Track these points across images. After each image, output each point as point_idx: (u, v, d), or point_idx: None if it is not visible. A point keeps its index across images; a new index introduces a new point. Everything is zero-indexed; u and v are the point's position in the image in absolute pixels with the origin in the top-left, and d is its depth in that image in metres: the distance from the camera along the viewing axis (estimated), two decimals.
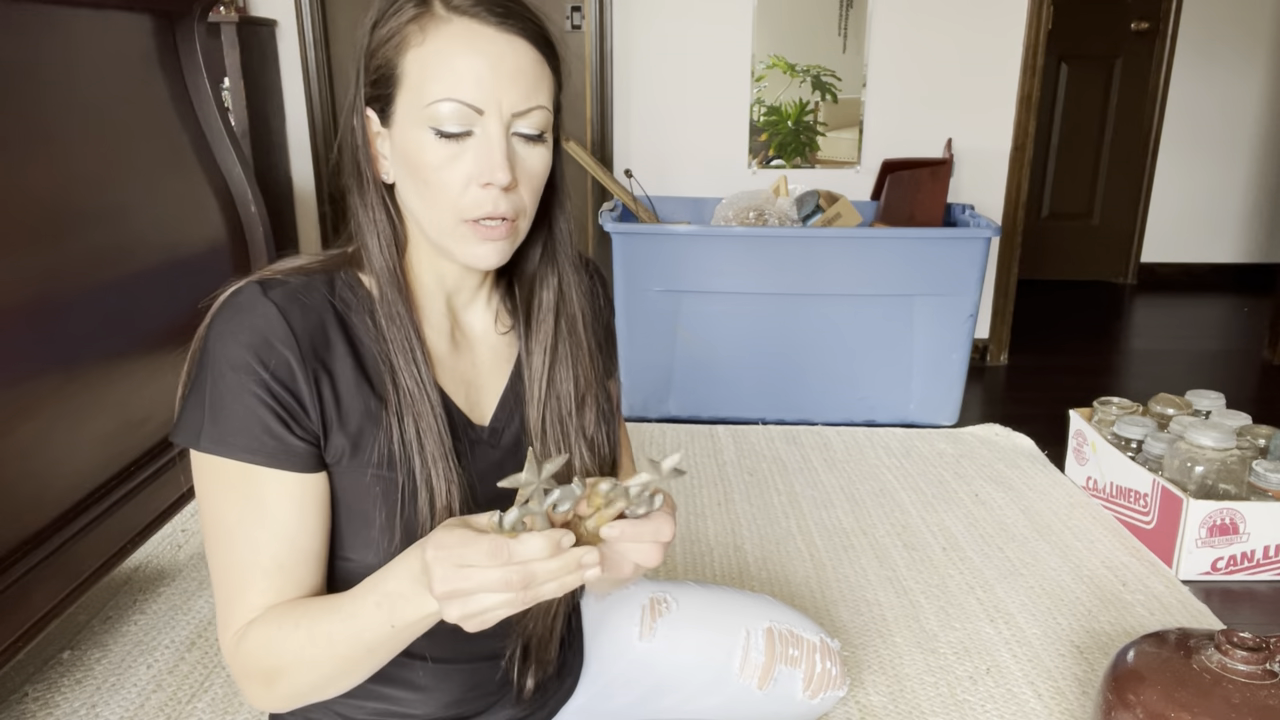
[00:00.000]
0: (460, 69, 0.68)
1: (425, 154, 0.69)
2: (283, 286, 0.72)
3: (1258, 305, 3.71)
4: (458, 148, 0.69)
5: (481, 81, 0.68)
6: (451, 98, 0.68)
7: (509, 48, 0.69)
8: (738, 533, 1.81)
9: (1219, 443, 1.68)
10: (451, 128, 0.68)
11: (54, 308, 1.14)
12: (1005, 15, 2.76)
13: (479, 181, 0.69)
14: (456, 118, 0.68)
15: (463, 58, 0.68)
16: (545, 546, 0.57)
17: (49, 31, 1.18)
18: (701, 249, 2.32)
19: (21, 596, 1.06)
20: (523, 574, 0.57)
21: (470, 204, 0.70)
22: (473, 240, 0.72)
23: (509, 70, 0.68)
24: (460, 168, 0.69)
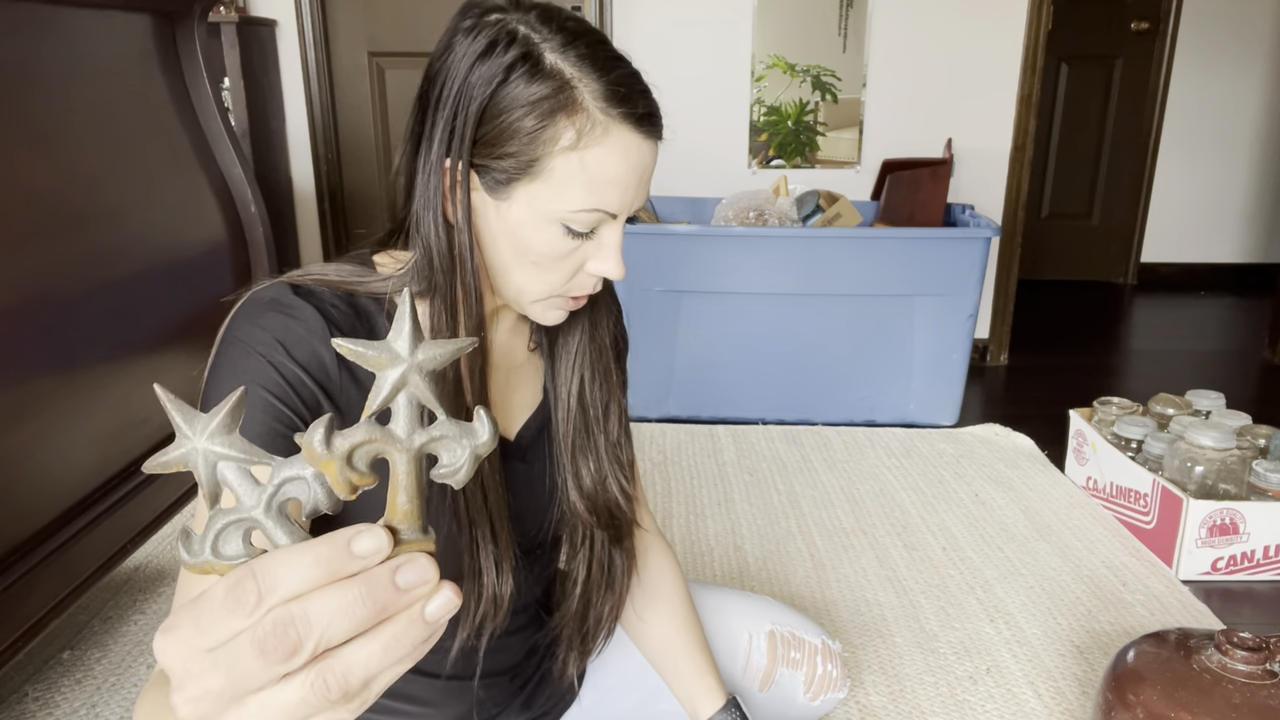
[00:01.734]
0: (614, 182, 0.67)
1: (545, 243, 0.68)
2: (313, 288, 0.68)
3: (1258, 305, 3.71)
4: (581, 242, 0.69)
5: (626, 191, 0.68)
6: (597, 208, 0.67)
7: (651, 156, 0.69)
8: (738, 533, 1.81)
9: (1219, 443, 1.68)
10: (584, 230, 0.68)
11: (54, 308, 1.14)
12: (1005, 15, 2.76)
13: (592, 271, 0.70)
14: (592, 222, 0.68)
15: (618, 173, 0.66)
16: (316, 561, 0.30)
17: (49, 31, 1.18)
18: (701, 249, 2.32)
19: (21, 596, 1.06)
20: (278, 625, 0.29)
21: (575, 286, 0.71)
22: (557, 308, 0.73)
23: (647, 177, 0.70)
24: (577, 257, 0.70)
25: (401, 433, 0.32)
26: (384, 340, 0.32)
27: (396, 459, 0.32)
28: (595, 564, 0.87)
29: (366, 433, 0.31)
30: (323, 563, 0.29)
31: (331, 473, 0.31)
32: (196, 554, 0.32)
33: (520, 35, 0.63)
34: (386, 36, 3.03)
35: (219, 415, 0.32)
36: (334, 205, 3.12)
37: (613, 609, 0.91)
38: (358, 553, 0.30)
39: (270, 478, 0.32)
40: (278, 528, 0.32)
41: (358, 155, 3.13)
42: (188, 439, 0.32)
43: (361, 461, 0.32)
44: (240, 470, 0.32)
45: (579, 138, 0.64)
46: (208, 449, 0.32)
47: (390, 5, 3.00)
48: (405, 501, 0.32)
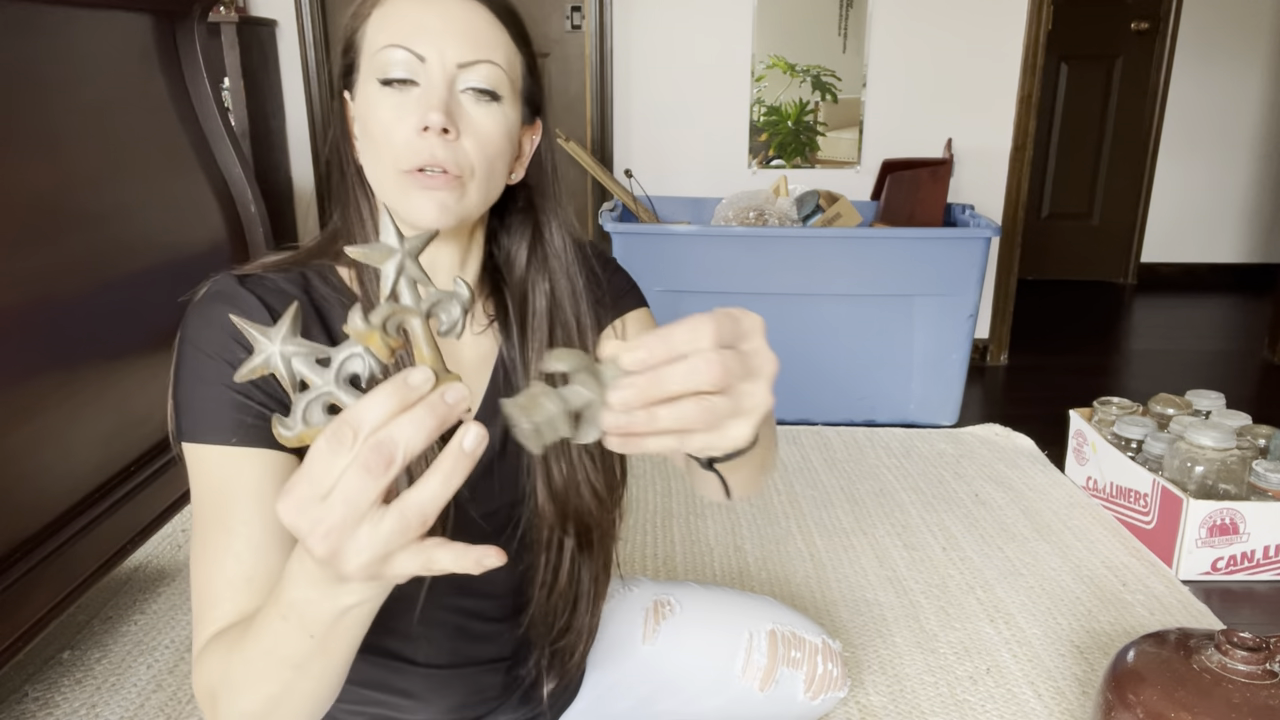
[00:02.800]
0: (408, 18, 0.68)
1: (375, 110, 0.69)
2: (259, 281, 0.72)
3: (1258, 305, 3.71)
4: (402, 97, 0.68)
5: (427, 30, 0.68)
6: (395, 43, 0.68)
7: (459, 6, 0.69)
8: (738, 533, 1.81)
9: (1219, 443, 1.68)
10: (395, 73, 0.68)
11: (54, 307, 1.14)
12: (1005, 15, 2.76)
13: (417, 127, 0.67)
14: (401, 65, 0.68)
15: (412, 11, 0.69)
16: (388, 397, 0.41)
17: (49, 31, 1.18)
18: (701, 249, 2.32)
19: (21, 596, 1.06)
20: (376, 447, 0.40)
21: (408, 153, 0.68)
22: (413, 191, 0.69)
23: (457, 23, 0.69)
24: (406, 120, 0.68)
25: (411, 302, 0.43)
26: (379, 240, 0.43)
27: (413, 323, 0.43)
28: (563, 575, 0.83)
29: (390, 308, 0.43)
30: (392, 396, 0.41)
31: (375, 342, 0.42)
32: (292, 426, 0.42)
33: None
34: None
35: (285, 324, 0.42)
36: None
37: (583, 630, 0.87)
38: (413, 384, 0.41)
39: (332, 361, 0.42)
40: (347, 395, 0.42)
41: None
42: (266, 345, 0.42)
43: (392, 329, 0.43)
44: (308, 360, 0.42)
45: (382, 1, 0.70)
46: (283, 350, 0.42)
47: None
48: (428, 351, 0.43)
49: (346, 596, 0.48)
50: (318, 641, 0.52)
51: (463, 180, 0.70)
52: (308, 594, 0.49)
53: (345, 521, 0.41)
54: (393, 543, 0.42)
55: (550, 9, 2.80)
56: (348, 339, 0.43)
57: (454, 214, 0.70)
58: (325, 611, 0.50)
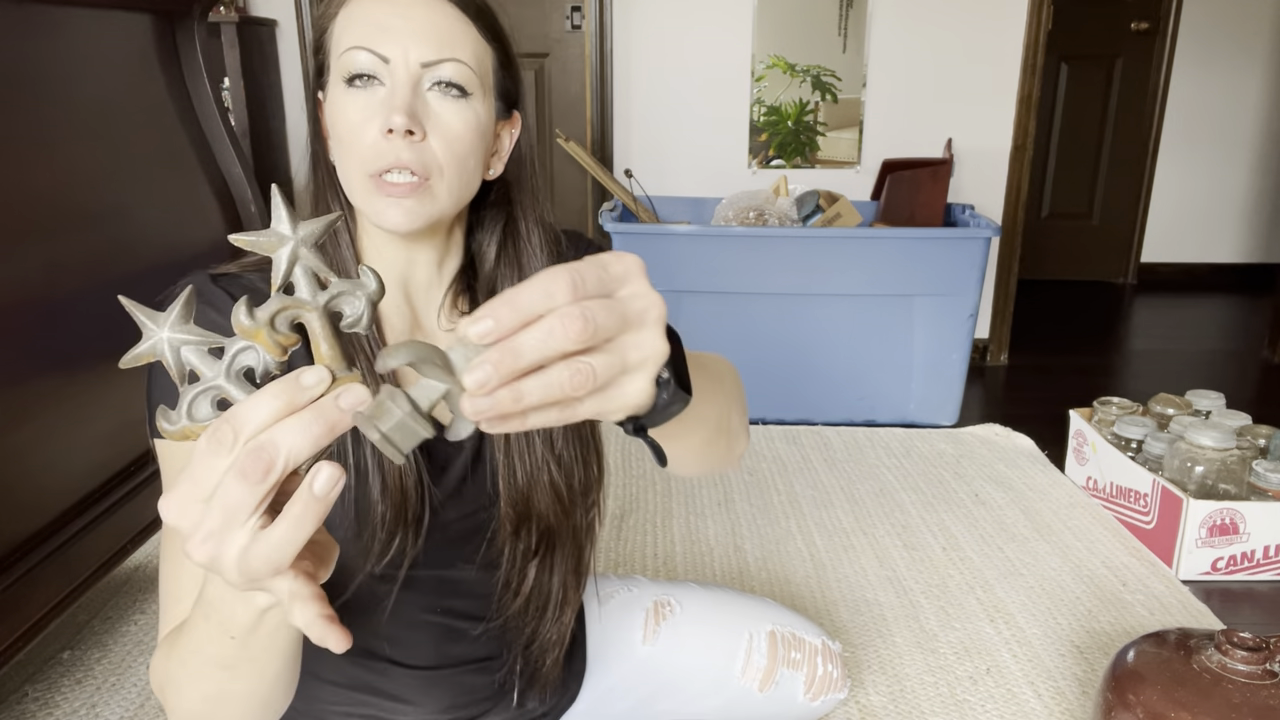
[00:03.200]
0: (371, 19, 0.68)
1: (342, 111, 0.69)
2: (234, 279, 0.72)
3: (1258, 305, 3.71)
4: (367, 98, 0.68)
5: (389, 30, 0.67)
6: (358, 44, 0.68)
7: (423, 5, 0.69)
8: (738, 533, 1.81)
9: (1219, 443, 1.68)
10: (359, 74, 0.68)
11: (54, 308, 1.14)
12: (1005, 15, 2.76)
13: (381, 130, 0.67)
14: (364, 65, 0.68)
15: (376, 11, 0.68)
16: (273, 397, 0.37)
17: (49, 31, 1.18)
18: (701, 249, 2.32)
19: (21, 596, 1.06)
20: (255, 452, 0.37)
21: (373, 155, 0.67)
22: (378, 197, 0.69)
23: (419, 22, 0.68)
24: (371, 122, 0.68)
25: (306, 295, 0.39)
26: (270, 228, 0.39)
27: (309, 318, 0.39)
28: (528, 581, 0.82)
29: (279, 302, 0.39)
30: (280, 396, 0.37)
31: (262, 339, 0.39)
32: (175, 421, 0.39)
33: None
34: None
35: (175, 309, 0.39)
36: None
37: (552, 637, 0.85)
38: (305, 384, 0.38)
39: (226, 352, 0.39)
40: (239, 389, 0.39)
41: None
42: (153, 331, 0.38)
43: (283, 325, 0.39)
44: (199, 351, 0.39)
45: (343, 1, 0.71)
46: (171, 337, 0.39)
47: None
48: (326, 349, 0.39)
49: (260, 598, 0.45)
50: (240, 643, 0.49)
51: (430, 182, 0.69)
52: (224, 593, 0.47)
53: (224, 527, 0.38)
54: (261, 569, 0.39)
55: (550, 9, 2.80)
56: None
57: (421, 217, 0.70)
58: (241, 613, 0.47)
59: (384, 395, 0.37)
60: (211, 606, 0.48)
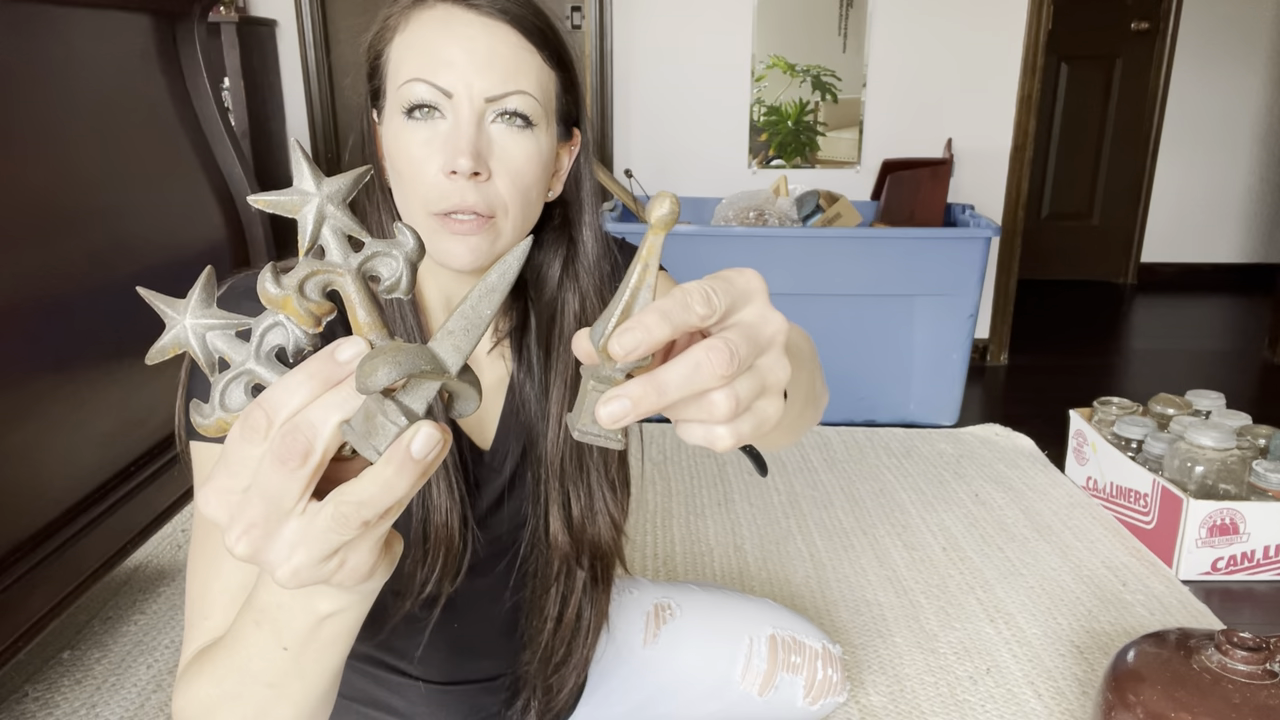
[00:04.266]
0: (434, 51, 0.65)
1: (402, 144, 0.66)
2: None
3: (1258, 305, 3.71)
4: (429, 133, 0.65)
5: (453, 65, 0.64)
6: (420, 78, 0.65)
7: (484, 31, 0.65)
8: (738, 533, 1.81)
9: (1219, 443, 1.68)
10: (416, 102, 0.65)
11: (54, 308, 1.14)
12: (1005, 15, 2.76)
13: (445, 169, 0.65)
14: (426, 98, 0.65)
15: (437, 40, 0.65)
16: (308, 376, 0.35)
17: (49, 31, 1.18)
18: (701, 249, 2.32)
19: (21, 596, 1.06)
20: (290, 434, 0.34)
21: (436, 195, 0.65)
22: (443, 236, 0.66)
23: (483, 54, 0.65)
24: (433, 157, 0.65)
25: (338, 258, 0.35)
26: (292, 187, 0.35)
27: (343, 283, 0.35)
28: (571, 608, 0.80)
29: (308, 266, 0.35)
30: (315, 375, 0.34)
31: (291, 308, 0.35)
32: (209, 414, 0.35)
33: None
34: None
35: (195, 293, 0.35)
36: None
37: (579, 664, 0.85)
38: (342, 359, 0.34)
39: (253, 332, 0.35)
40: (271, 371, 0.35)
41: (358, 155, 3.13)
42: (174, 319, 0.35)
43: (314, 292, 0.35)
44: (226, 335, 0.35)
45: (407, 22, 0.67)
46: (194, 323, 0.35)
47: None
48: (364, 315, 0.35)
49: (321, 601, 0.43)
50: (293, 656, 0.45)
51: (496, 220, 0.67)
52: (279, 597, 0.43)
53: (267, 518, 0.35)
54: (329, 542, 0.35)
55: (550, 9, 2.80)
56: None
57: (486, 255, 0.68)
58: (299, 619, 0.44)
59: (372, 406, 0.33)
60: (264, 613, 0.44)
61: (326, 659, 0.46)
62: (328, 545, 0.35)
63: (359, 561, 0.37)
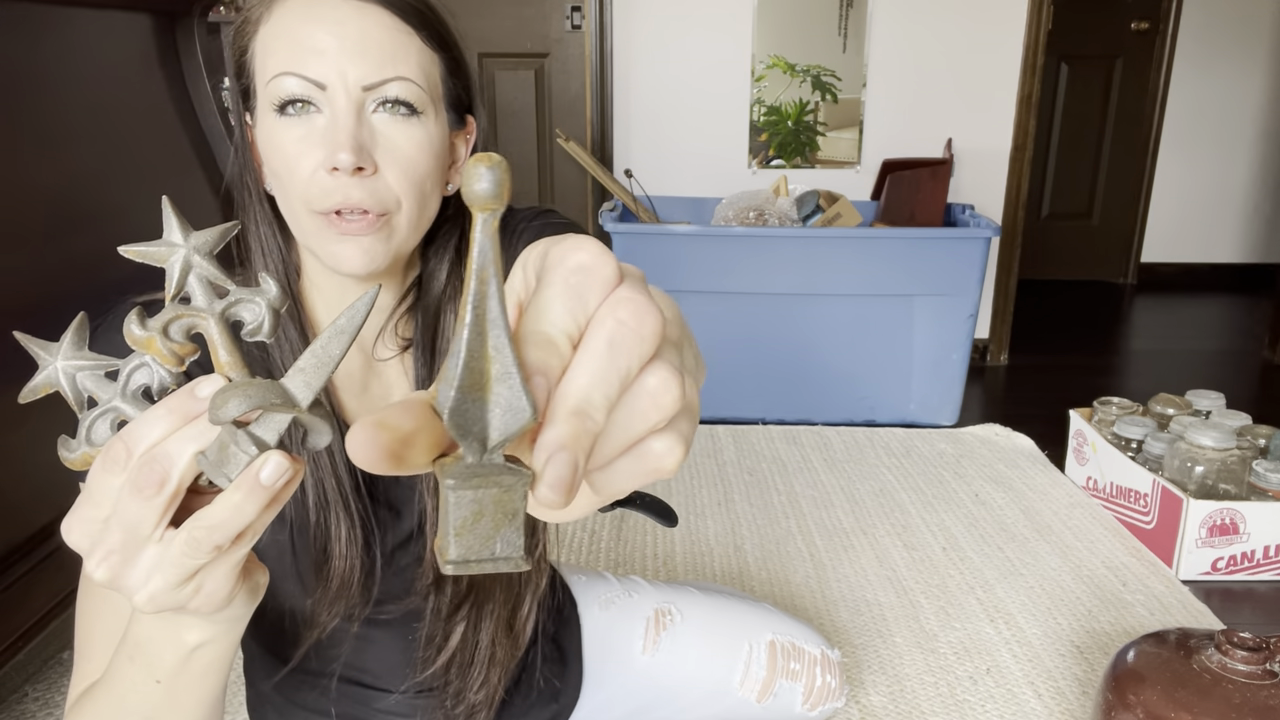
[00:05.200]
0: (299, 40, 0.60)
1: (275, 141, 0.62)
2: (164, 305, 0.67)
3: (1258, 305, 3.71)
4: (305, 129, 0.61)
5: (323, 53, 0.60)
6: (289, 71, 0.60)
7: (355, 14, 0.61)
8: (738, 533, 1.81)
9: (1219, 443, 1.68)
10: (287, 97, 0.61)
11: (54, 308, 1.14)
12: (1005, 15, 2.76)
13: (326, 166, 0.60)
14: (297, 92, 0.60)
15: (303, 27, 0.60)
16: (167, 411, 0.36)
17: (49, 31, 1.18)
18: (701, 249, 2.32)
19: (21, 596, 1.06)
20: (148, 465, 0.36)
21: (319, 193, 0.61)
22: (331, 237, 0.62)
23: (355, 38, 0.60)
24: (311, 153, 0.61)
25: (202, 303, 0.37)
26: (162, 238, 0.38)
27: (206, 326, 0.37)
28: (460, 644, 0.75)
29: (172, 310, 0.37)
30: (175, 410, 0.36)
31: (155, 349, 0.37)
32: (75, 448, 0.38)
33: None
34: None
35: (67, 337, 0.38)
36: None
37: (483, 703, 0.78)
38: (200, 395, 0.36)
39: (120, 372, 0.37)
40: (136, 409, 0.37)
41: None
42: (47, 360, 0.38)
43: (178, 334, 0.38)
44: (95, 375, 0.38)
45: (269, 13, 0.62)
46: (65, 365, 0.38)
47: None
48: (225, 355, 0.37)
49: (189, 633, 0.44)
50: (166, 689, 0.46)
51: (389, 217, 0.63)
52: (149, 631, 0.45)
53: (125, 545, 0.37)
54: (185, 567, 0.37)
55: (550, 9, 2.80)
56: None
57: (382, 256, 0.64)
58: (168, 651, 0.45)
59: (225, 437, 0.35)
60: (137, 647, 0.45)
61: (199, 690, 0.47)
62: (183, 570, 0.37)
63: (215, 587, 0.39)
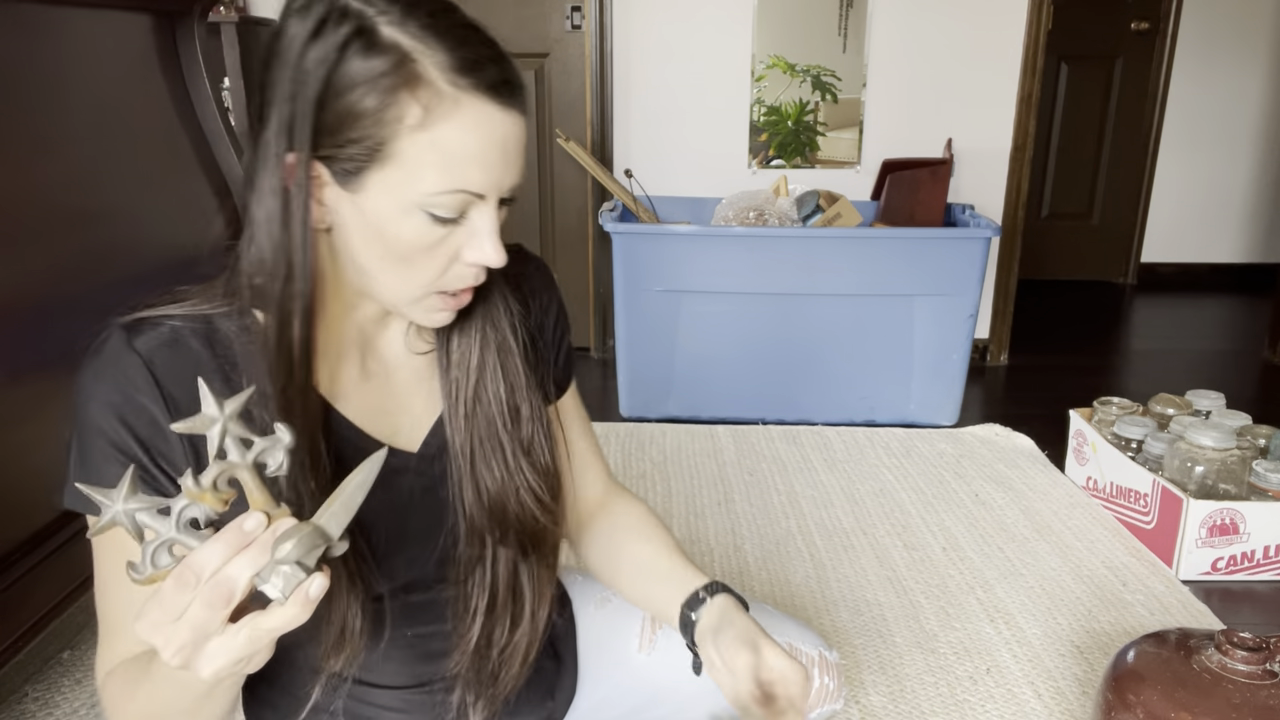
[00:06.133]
0: (471, 157, 0.61)
1: (410, 234, 0.63)
2: (154, 331, 0.66)
3: (1258, 305, 3.71)
4: (449, 228, 0.63)
5: (490, 170, 0.62)
6: (458, 189, 0.61)
7: (514, 129, 0.63)
8: (738, 533, 1.81)
9: (1219, 443, 1.68)
10: (449, 215, 0.62)
11: (54, 307, 1.14)
12: (1005, 15, 2.76)
13: (468, 261, 0.65)
14: (457, 206, 0.62)
15: (474, 145, 0.61)
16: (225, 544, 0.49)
17: (49, 31, 1.18)
18: (701, 249, 2.32)
19: (21, 597, 1.06)
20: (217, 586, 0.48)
21: (453, 279, 0.66)
22: (437, 307, 0.68)
23: (513, 153, 0.64)
24: (448, 247, 0.64)
25: (237, 458, 0.50)
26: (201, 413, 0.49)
27: (241, 474, 0.50)
28: (501, 589, 0.79)
29: (218, 468, 0.50)
30: (229, 543, 0.49)
31: (208, 500, 0.49)
32: (143, 571, 0.49)
33: (352, 9, 0.59)
34: None
35: (124, 486, 0.48)
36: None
37: (525, 644, 0.82)
38: (248, 530, 0.49)
39: (172, 510, 0.49)
40: (190, 538, 0.49)
41: None
42: (110, 507, 0.48)
43: (222, 485, 0.50)
44: (150, 513, 0.49)
45: (426, 114, 0.59)
46: (125, 509, 0.48)
47: None
48: (259, 496, 0.50)
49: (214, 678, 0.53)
50: (197, 697, 0.59)
51: None
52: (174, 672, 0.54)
53: (195, 641, 0.49)
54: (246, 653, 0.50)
55: (550, 9, 2.80)
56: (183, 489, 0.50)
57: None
58: (201, 684, 0.56)
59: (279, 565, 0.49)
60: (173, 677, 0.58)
61: (228, 695, 0.62)
62: (244, 655, 0.50)
63: (261, 659, 0.53)
